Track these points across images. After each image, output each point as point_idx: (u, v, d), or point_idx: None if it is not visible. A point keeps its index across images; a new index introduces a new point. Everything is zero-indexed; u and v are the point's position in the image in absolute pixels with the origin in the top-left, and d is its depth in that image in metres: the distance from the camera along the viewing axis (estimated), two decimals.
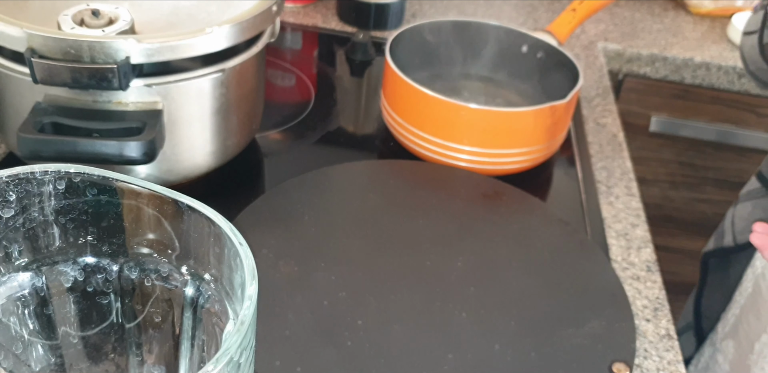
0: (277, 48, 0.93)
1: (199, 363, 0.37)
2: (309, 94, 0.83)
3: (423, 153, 0.70)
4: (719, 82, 1.06)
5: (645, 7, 1.21)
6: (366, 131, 0.79)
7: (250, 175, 0.69)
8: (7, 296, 0.35)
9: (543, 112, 0.66)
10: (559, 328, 0.53)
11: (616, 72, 1.08)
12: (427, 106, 0.67)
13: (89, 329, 0.38)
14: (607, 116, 0.88)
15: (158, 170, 0.59)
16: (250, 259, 0.31)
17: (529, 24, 1.09)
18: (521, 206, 0.65)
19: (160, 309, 0.37)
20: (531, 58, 0.78)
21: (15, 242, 0.35)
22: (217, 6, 0.61)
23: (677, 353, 0.56)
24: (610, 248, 0.66)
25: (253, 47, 0.61)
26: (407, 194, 0.65)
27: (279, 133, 0.75)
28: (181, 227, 0.35)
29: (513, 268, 0.58)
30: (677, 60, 1.05)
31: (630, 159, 0.80)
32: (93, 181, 0.35)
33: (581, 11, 0.79)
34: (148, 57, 0.51)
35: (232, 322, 0.34)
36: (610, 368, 0.50)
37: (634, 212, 0.71)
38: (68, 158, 0.50)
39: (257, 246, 0.56)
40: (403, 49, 0.75)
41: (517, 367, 0.50)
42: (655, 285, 0.62)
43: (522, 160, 0.69)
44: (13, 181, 0.34)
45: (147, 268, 0.37)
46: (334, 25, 1.00)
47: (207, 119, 0.59)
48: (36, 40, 0.50)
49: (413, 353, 0.50)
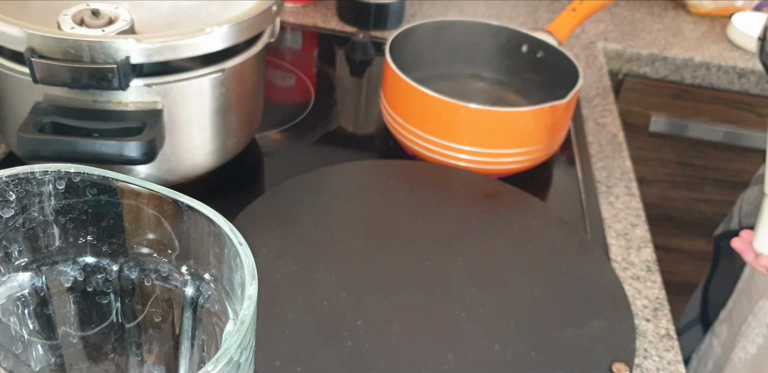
0: (277, 48, 0.93)
1: (199, 363, 0.37)
2: (309, 94, 0.83)
3: (423, 153, 0.70)
4: (719, 82, 1.06)
5: (645, 7, 1.21)
6: (366, 131, 0.79)
7: (250, 175, 0.69)
8: (7, 296, 0.35)
9: (543, 112, 0.66)
10: (559, 328, 0.53)
11: (616, 72, 1.08)
12: (427, 106, 0.67)
13: (89, 328, 0.38)
14: (607, 116, 0.88)
15: (158, 170, 0.59)
16: (249, 259, 0.31)
17: (529, 24, 1.09)
18: (521, 206, 0.65)
19: (160, 309, 0.37)
20: (531, 58, 0.78)
21: (15, 241, 0.35)
22: (217, 6, 0.61)
23: (677, 353, 0.56)
24: (610, 247, 0.66)
25: (253, 47, 0.61)
26: (407, 194, 0.65)
27: (279, 133, 0.75)
28: (180, 226, 0.35)
29: (513, 268, 0.58)
30: (677, 60, 1.05)
31: (630, 159, 0.80)
32: (93, 181, 0.35)
33: (581, 11, 0.79)
34: (147, 57, 0.51)
35: (232, 322, 0.34)
36: (610, 368, 0.50)
37: (634, 211, 0.71)
38: (68, 158, 0.50)
39: (257, 246, 0.56)
40: (403, 49, 0.75)
41: (517, 367, 0.50)
42: (655, 285, 0.62)
43: (522, 160, 0.69)
44: (13, 181, 0.34)
45: (147, 268, 0.37)
46: (333, 25, 1.00)
47: (207, 119, 0.59)
48: (36, 40, 0.50)
49: (413, 353, 0.50)
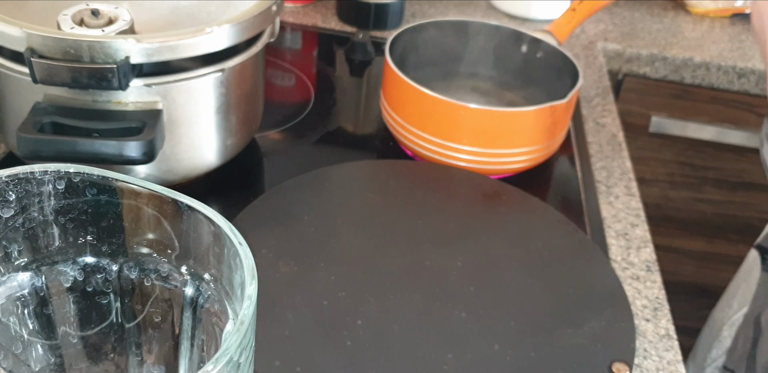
0: (276, 48, 0.93)
1: (199, 363, 0.37)
2: (309, 94, 0.83)
3: (423, 153, 0.70)
4: (719, 82, 1.06)
5: (645, 7, 1.21)
6: (366, 131, 0.79)
7: (249, 175, 0.69)
8: (7, 296, 0.35)
9: (543, 112, 0.66)
10: (558, 328, 0.53)
11: (616, 72, 1.08)
12: (426, 106, 0.67)
13: (89, 328, 0.38)
14: (606, 116, 0.88)
15: (158, 170, 0.59)
16: (249, 259, 0.31)
17: (529, 24, 1.09)
18: (521, 206, 0.65)
19: (159, 309, 0.37)
20: (531, 58, 0.78)
21: (14, 241, 0.35)
22: (217, 6, 0.61)
23: (677, 353, 0.56)
24: (609, 247, 0.66)
25: (253, 47, 0.61)
26: (407, 194, 0.65)
27: (279, 133, 0.75)
28: (180, 226, 0.35)
29: (513, 268, 0.58)
30: (677, 60, 1.05)
31: (630, 159, 0.80)
32: (93, 181, 0.35)
33: (581, 11, 0.79)
34: (147, 57, 0.51)
35: (231, 322, 0.34)
36: (610, 368, 0.50)
37: (634, 211, 0.71)
38: (68, 158, 0.50)
39: (257, 246, 0.56)
40: (403, 49, 0.75)
41: (517, 367, 0.50)
42: (654, 285, 0.62)
43: (522, 160, 0.69)
44: (13, 181, 0.34)
45: (147, 268, 0.37)
46: (333, 25, 1.00)
47: (207, 119, 0.59)
48: (35, 40, 0.50)
49: (413, 353, 0.50)
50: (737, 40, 1.13)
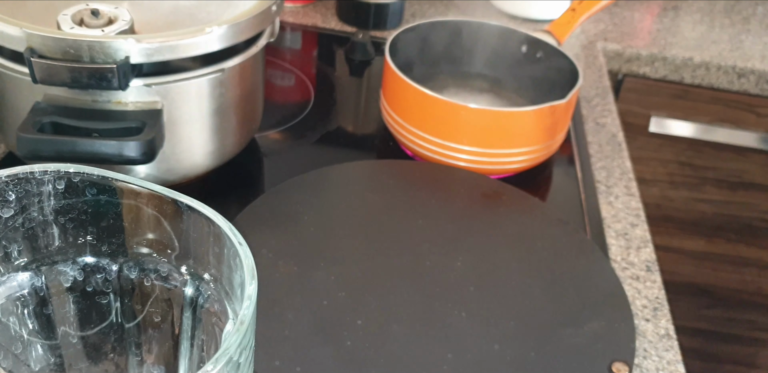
0: (276, 48, 0.93)
1: (199, 363, 0.37)
2: (308, 94, 0.83)
3: (423, 153, 0.70)
4: (719, 82, 1.06)
5: (645, 7, 1.21)
6: (365, 131, 0.79)
7: (249, 175, 0.69)
8: (7, 296, 0.35)
9: (543, 112, 0.66)
10: (558, 328, 0.53)
11: (616, 72, 1.08)
12: (426, 106, 0.67)
13: (89, 328, 0.38)
14: (606, 116, 0.88)
15: (158, 170, 0.59)
16: (249, 259, 0.31)
17: (529, 24, 1.09)
18: (521, 206, 0.65)
19: (159, 309, 0.37)
20: (530, 57, 0.78)
21: (14, 241, 0.35)
22: (217, 6, 0.61)
23: (677, 353, 0.56)
24: (609, 247, 0.66)
25: (253, 47, 0.61)
26: (407, 194, 0.65)
27: (278, 133, 0.75)
28: (180, 226, 0.35)
29: (513, 268, 0.58)
30: (677, 60, 1.05)
31: (630, 159, 0.80)
32: (92, 181, 0.35)
33: (581, 11, 0.79)
34: (147, 57, 0.51)
35: (231, 322, 0.34)
36: (610, 368, 0.50)
37: (634, 211, 0.71)
38: (68, 158, 0.50)
39: (257, 246, 0.56)
40: (402, 49, 0.75)
41: (517, 367, 0.50)
42: (654, 285, 0.62)
43: (522, 160, 0.69)
44: (13, 181, 0.34)
45: (146, 268, 0.37)
46: (333, 25, 1.00)
47: (206, 119, 0.59)
48: (35, 40, 0.50)
49: (413, 353, 0.50)
50: (737, 40, 1.13)
